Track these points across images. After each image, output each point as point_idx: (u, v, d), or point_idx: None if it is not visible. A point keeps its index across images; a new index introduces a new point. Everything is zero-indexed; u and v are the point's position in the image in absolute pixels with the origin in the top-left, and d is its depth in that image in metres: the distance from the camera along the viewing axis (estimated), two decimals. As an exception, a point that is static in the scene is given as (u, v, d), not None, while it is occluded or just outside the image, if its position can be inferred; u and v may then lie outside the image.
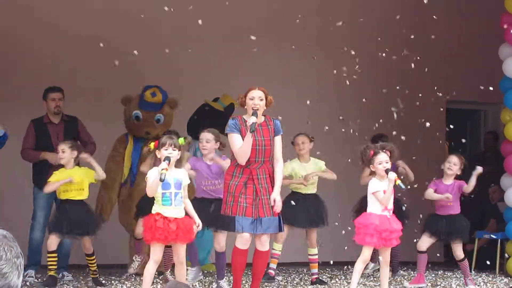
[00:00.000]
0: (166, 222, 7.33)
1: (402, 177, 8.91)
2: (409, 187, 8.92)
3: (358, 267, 8.12)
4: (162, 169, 7.14)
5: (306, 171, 9.16)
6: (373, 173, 8.13)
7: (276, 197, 7.59)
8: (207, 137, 8.44)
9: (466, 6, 12.50)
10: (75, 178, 8.51)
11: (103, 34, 10.42)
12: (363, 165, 8.35)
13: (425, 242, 9.23)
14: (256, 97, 7.64)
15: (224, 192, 7.74)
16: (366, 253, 8.10)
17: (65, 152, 8.58)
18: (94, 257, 8.73)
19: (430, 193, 9.14)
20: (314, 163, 9.24)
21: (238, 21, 11.29)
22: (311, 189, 9.27)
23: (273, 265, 9.34)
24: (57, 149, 8.88)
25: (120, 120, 9.86)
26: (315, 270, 9.39)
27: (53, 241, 8.55)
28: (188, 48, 10.73)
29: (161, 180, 7.17)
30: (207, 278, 9.29)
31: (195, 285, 8.70)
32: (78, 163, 8.69)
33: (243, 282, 8.52)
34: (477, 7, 12.40)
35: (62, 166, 8.73)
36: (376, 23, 11.89)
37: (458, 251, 9.20)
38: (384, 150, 8.07)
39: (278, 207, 7.59)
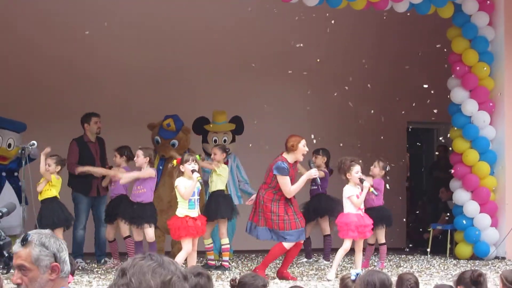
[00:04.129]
0: (193, 221, 8.97)
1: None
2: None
3: (340, 253, 9.32)
4: (198, 177, 8.89)
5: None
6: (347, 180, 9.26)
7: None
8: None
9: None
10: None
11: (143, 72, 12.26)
12: (340, 173, 9.42)
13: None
14: (306, 145, 9.18)
15: (273, 212, 9.16)
16: (347, 244, 9.23)
17: (51, 166, 9.66)
18: None
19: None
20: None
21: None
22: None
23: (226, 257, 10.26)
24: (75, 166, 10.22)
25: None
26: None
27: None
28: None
29: (201, 183, 8.98)
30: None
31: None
32: None
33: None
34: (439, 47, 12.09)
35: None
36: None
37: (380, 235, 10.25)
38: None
39: None
